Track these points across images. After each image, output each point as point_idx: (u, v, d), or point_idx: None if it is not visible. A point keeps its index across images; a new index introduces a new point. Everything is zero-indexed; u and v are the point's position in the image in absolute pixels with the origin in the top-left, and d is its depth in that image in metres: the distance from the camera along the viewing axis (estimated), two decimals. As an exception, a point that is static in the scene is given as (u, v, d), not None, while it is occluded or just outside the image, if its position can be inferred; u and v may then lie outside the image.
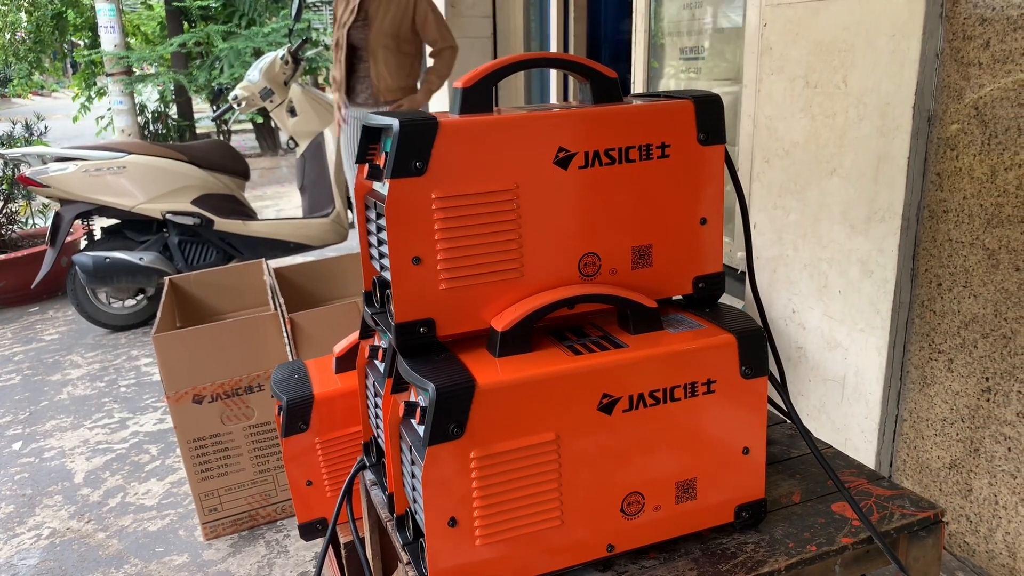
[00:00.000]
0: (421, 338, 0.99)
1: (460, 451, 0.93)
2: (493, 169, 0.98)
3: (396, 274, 0.96)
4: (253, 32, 8.99)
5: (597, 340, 1.03)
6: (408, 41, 3.75)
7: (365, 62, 3.77)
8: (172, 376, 2.07)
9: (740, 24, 2.74)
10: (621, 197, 1.04)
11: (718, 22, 2.92)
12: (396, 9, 3.67)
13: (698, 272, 1.12)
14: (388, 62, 3.73)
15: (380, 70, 3.74)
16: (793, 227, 2.14)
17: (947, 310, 1.74)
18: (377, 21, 3.66)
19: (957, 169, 1.68)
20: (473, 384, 0.92)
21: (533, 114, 1.00)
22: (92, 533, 2.32)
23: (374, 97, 3.80)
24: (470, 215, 0.98)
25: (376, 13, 3.66)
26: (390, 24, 3.66)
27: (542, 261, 1.03)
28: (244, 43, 8.79)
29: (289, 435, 1.44)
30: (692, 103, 1.06)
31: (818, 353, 2.10)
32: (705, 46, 3.03)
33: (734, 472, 1.08)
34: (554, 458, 0.98)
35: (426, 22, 3.73)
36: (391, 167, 0.93)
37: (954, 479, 1.78)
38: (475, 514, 0.96)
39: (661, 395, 1.01)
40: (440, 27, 3.77)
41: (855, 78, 1.87)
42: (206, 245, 4.05)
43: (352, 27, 3.73)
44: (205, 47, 9.27)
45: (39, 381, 3.54)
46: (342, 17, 3.78)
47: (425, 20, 3.73)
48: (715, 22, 2.93)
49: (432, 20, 3.75)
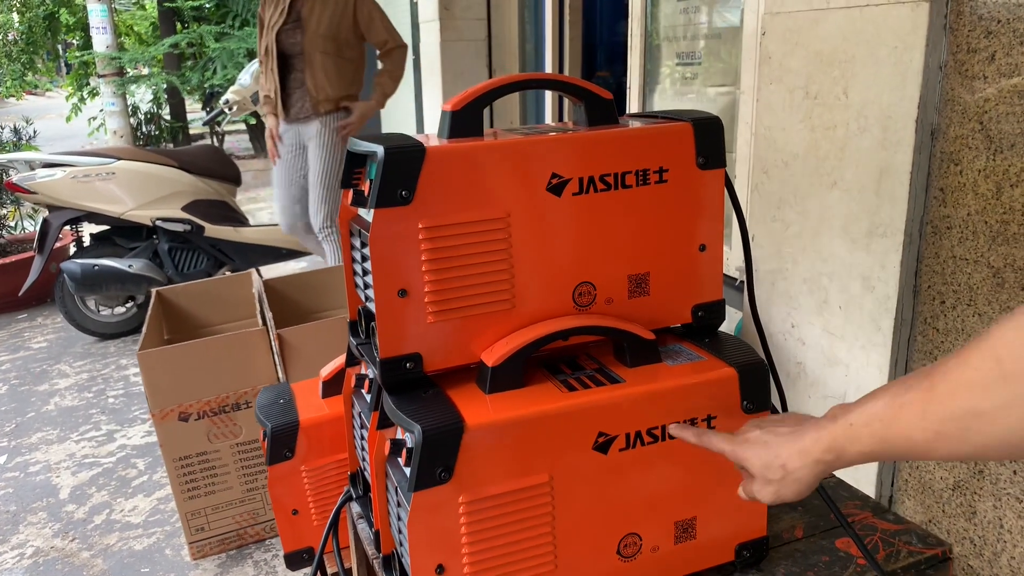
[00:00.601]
0: (408, 373, 0.95)
1: (448, 496, 0.89)
2: (483, 197, 0.93)
3: (381, 307, 0.92)
4: (246, 33, 8.92)
5: (592, 374, 0.99)
6: (349, 45, 3.43)
7: (299, 71, 3.41)
8: (157, 393, 2.02)
9: (738, 25, 2.70)
10: (617, 224, 1.00)
11: (715, 25, 2.88)
12: (334, 8, 3.32)
13: (697, 300, 1.07)
14: (327, 69, 3.38)
15: (318, 79, 3.38)
16: (793, 240, 2.10)
17: (951, 328, 1.70)
18: (312, 23, 3.32)
19: (961, 184, 1.64)
20: (461, 425, 0.88)
21: (525, 139, 0.95)
22: (76, 552, 2.27)
23: (312, 109, 3.44)
24: (459, 245, 0.93)
25: (310, 15, 3.31)
26: (327, 26, 3.33)
27: (534, 292, 0.98)
28: (237, 44, 8.73)
29: (274, 463, 1.39)
30: (691, 126, 1.01)
31: (818, 369, 2.06)
32: (702, 50, 2.99)
33: (735, 510, 1.04)
34: (547, 500, 0.93)
35: (371, 22, 3.44)
36: (375, 196, 0.88)
37: (957, 501, 1.73)
38: (464, 560, 0.91)
39: (659, 432, 0.96)
40: (388, 26, 3.49)
41: (856, 89, 1.83)
42: (197, 252, 3.99)
43: (282, 31, 3.37)
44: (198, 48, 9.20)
45: (26, 391, 3.48)
46: (270, 20, 3.39)
47: (370, 20, 3.44)
48: (712, 25, 2.89)
49: (378, 19, 3.46)
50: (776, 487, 0.85)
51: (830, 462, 0.80)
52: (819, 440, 0.80)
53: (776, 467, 0.84)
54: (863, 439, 0.75)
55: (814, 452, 0.81)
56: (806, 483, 0.83)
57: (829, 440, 0.79)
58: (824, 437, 0.80)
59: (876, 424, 0.74)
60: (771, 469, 0.85)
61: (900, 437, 0.71)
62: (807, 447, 0.82)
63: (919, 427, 0.69)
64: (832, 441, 0.79)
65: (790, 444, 0.84)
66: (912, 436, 0.70)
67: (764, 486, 0.86)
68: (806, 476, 0.83)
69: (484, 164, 0.92)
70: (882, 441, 0.73)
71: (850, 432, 0.77)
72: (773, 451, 0.85)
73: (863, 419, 0.76)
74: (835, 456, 0.79)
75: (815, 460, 0.81)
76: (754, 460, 0.87)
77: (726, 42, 2.82)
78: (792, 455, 0.83)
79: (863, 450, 0.76)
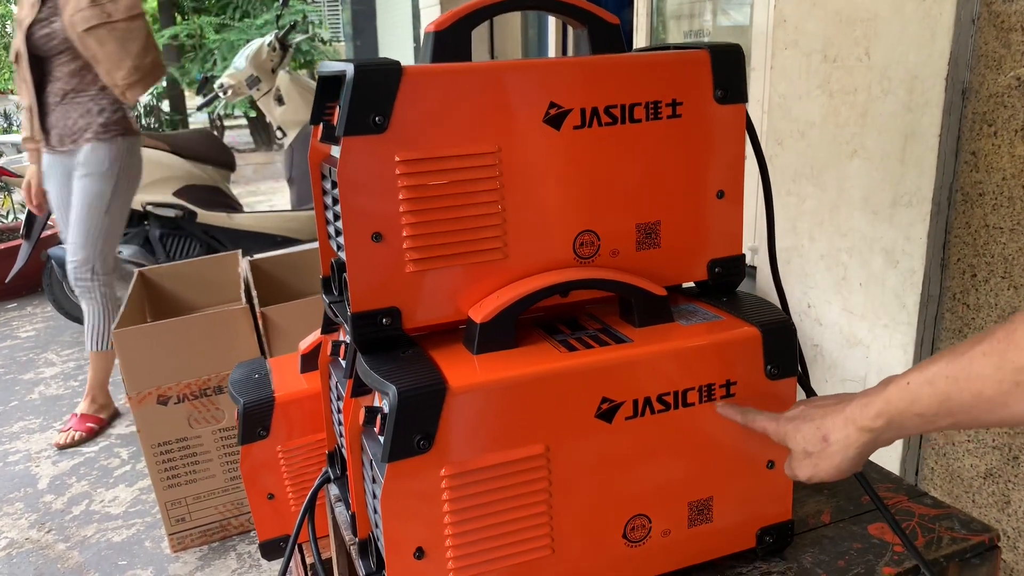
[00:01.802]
0: (383, 331, 0.83)
1: (428, 468, 0.77)
2: (470, 127, 0.81)
3: (352, 253, 0.80)
4: (247, 24, 8.83)
5: (595, 334, 0.87)
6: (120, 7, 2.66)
7: (59, 79, 2.68)
8: (134, 375, 1.91)
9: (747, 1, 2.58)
10: (624, 164, 0.88)
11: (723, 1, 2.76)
12: None
13: (714, 254, 0.95)
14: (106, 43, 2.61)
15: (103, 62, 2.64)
16: (809, 215, 1.98)
17: (983, 303, 1.57)
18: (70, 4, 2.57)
19: (995, 147, 1.51)
20: (443, 386, 0.76)
21: (518, 62, 0.83)
22: (52, 544, 2.16)
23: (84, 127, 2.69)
24: (442, 183, 0.81)
25: (66, 4, 2.56)
26: None
27: (530, 240, 0.86)
28: (237, 35, 8.63)
29: (247, 442, 1.27)
30: (708, 53, 0.89)
31: (836, 351, 1.93)
32: (710, 28, 2.87)
33: (757, 490, 0.91)
34: (543, 475, 0.81)
35: None
36: (344, 122, 0.76)
37: (989, 490, 1.61)
38: (447, 543, 0.79)
39: (671, 399, 0.84)
40: None
41: (879, 49, 1.70)
42: (189, 238, 3.88)
43: (35, 28, 2.60)
44: (197, 39, 9.10)
45: (10, 380, 3.37)
46: (23, 16, 2.63)
47: None
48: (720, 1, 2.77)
49: None
50: (815, 461, 0.75)
51: (879, 429, 0.69)
52: (868, 405, 0.70)
53: (816, 439, 0.75)
54: (923, 399, 0.64)
55: (861, 419, 0.70)
56: (849, 457, 0.73)
57: (881, 404, 0.68)
58: (875, 401, 0.69)
59: (940, 381, 0.63)
60: (811, 441, 0.75)
61: (969, 393, 0.61)
62: (852, 414, 0.71)
63: (994, 379, 0.59)
64: (885, 404, 0.68)
65: (834, 414, 0.74)
66: (984, 391, 0.60)
67: (802, 460, 0.77)
68: (850, 448, 0.72)
69: (471, 89, 0.80)
70: (946, 400, 0.63)
71: (907, 392, 0.66)
72: (815, 424, 0.76)
73: (923, 377, 0.65)
74: (886, 421, 0.68)
75: (860, 428, 0.70)
76: (796, 436, 0.78)
77: (735, 18, 2.70)
78: (835, 424, 0.73)
79: (922, 411, 0.65)
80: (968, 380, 0.61)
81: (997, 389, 0.59)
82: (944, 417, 0.65)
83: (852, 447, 0.73)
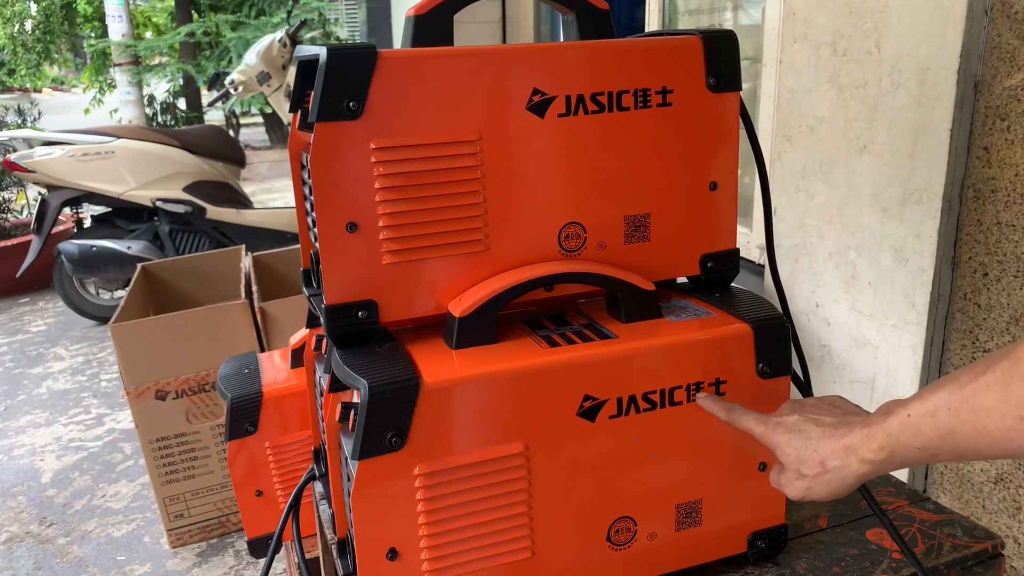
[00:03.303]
0: (359, 324, 0.80)
1: (401, 466, 0.74)
2: (450, 114, 0.78)
3: (326, 244, 0.77)
4: (262, 22, 8.83)
5: (579, 329, 0.84)
6: None
7: None
8: (133, 369, 1.90)
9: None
10: (612, 154, 0.85)
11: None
12: None
13: (707, 249, 0.92)
14: None
15: None
16: (818, 212, 1.94)
17: (994, 303, 1.53)
18: None
19: (1009, 142, 1.47)
20: (417, 382, 0.73)
21: (500, 47, 0.81)
22: (52, 538, 2.15)
23: None
24: (420, 171, 0.78)
25: None
26: None
27: (512, 231, 0.83)
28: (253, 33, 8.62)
29: (235, 437, 1.25)
30: (700, 40, 0.86)
31: (844, 351, 1.89)
32: (722, 23, 2.82)
33: (748, 493, 0.88)
34: (522, 475, 0.78)
35: None
36: (317, 107, 0.74)
37: (1000, 495, 1.56)
38: (421, 544, 0.76)
39: (658, 398, 0.81)
40: None
41: (890, 42, 1.66)
42: (198, 234, 3.88)
43: None
44: (214, 37, 9.12)
45: (19, 374, 3.38)
46: None
47: None
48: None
49: None
50: (808, 483, 0.72)
51: (880, 462, 0.67)
52: (870, 437, 0.67)
53: (813, 462, 0.72)
54: (924, 432, 0.62)
55: (862, 451, 0.68)
56: (846, 484, 0.71)
57: (883, 437, 0.66)
58: (877, 433, 0.66)
59: (942, 413, 0.60)
60: (806, 464, 0.72)
61: (972, 427, 0.58)
62: (853, 444, 0.69)
63: (997, 412, 0.57)
64: (886, 438, 0.65)
65: (833, 440, 0.71)
66: (987, 425, 0.58)
67: (795, 480, 0.73)
68: (848, 477, 0.70)
69: (450, 74, 0.78)
70: (948, 434, 0.60)
71: (908, 425, 0.63)
72: (812, 444, 0.73)
73: (925, 409, 0.62)
74: (888, 455, 0.66)
75: (861, 459, 0.68)
76: (788, 449, 0.75)
77: (748, 13, 2.65)
78: (834, 452, 0.71)
79: (923, 445, 0.62)
80: (971, 413, 0.58)
81: (1001, 423, 0.56)
82: (947, 451, 0.62)
83: (851, 476, 0.70)
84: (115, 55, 8.12)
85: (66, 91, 23.76)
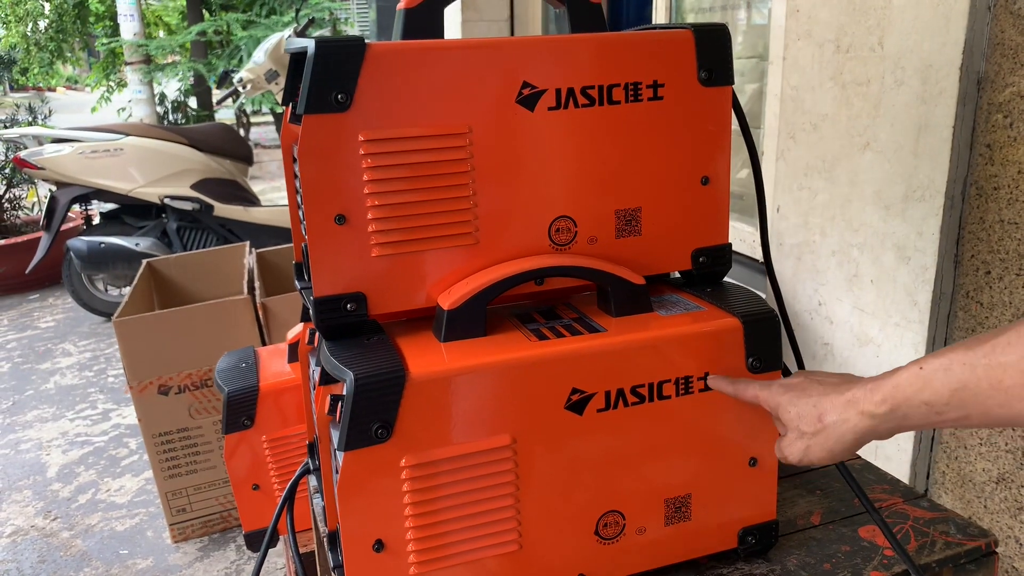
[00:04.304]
0: (348, 316, 0.80)
1: (387, 458, 0.74)
2: (439, 107, 0.78)
3: (315, 236, 0.78)
4: (273, 21, 8.85)
5: (569, 323, 0.84)
6: None
7: None
8: (136, 364, 1.91)
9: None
10: (603, 147, 0.85)
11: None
12: None
13: (699, 244, 0.92)
14: None
15: None
16: (820, 210, 1.93)
17: (996, 302, 1.52)
18: None
19: (1011, 139, 1.46)
20: (403, 374, 0.73)
21: (489, 40, 0.81)
22: (56, 532, 2.17)
23: None
24: (410, 163, 0.78)
25: None
26: None
27: (502, 225, 0.83)
28: (264, 32, 8.64)
29: (232, 431, 1.26)
30: (692, 33, 0.86)
31: (847, 349, 1.88)
32: (729, 21, 2.81)
33: (738, 488, 0.88)
34: (510, 468, 0.78)
35: None
36: (305, 99, 0.74)
37: (1002, 495, 1.55)
38: (408, 536, 0.77)
39: (646, 392, 0.81)
40: None
41: (893, 39, 1.65)
42: (205, 231, 3.90)
43: None
44: (225, 36, 9.15)
45: (28, 370, 3.41)
46: None
47: None
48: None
49: None
50: (806, 443, 0.71)
51: (881, 416, 0.65)
52: (874, 389, 0.66)
53: (811, 418, 0.70)
54: (935, 385, 0.60)
55: (864, 402, 0.66)
56: (844, 442, 0.69)
57: (889, 388, 0.64)
58: (882, 386, 0.65)
59: (956, 367, 0.59)
60: (805, 419, 0.71)
61: (987, 382, 0.57)
62: (855, 397, 0.67)
63: (1017, 368, 0.56)
64: (892, 389, 0.64)
65: (834, 394, 0.70)
66: (1004, 380, 0.57)
67: (794, 440, 0.72)
68: (846, 433, 0.68)
69: (439, 67, 0.78)
70: (960, 388, 0.59)
71: (918, 377, 0.62)
72: (812, 400, 0.71)
73: (938, 363, 0.61)
74: (890, 408, 0.64)
75: (861, 411, 0.66)
76: (789, 407, 0.73)
77: (755, 11, 2.64)
78: (834, 406, 0.69)
79: (931, 399, 0.61)
80: (988, 368, 0.57)
81: (1018, 380, 0.56)
82: (955, 408, 0.60)
83: (849, 432, 0.68)
84: (127, 54, 8.16)
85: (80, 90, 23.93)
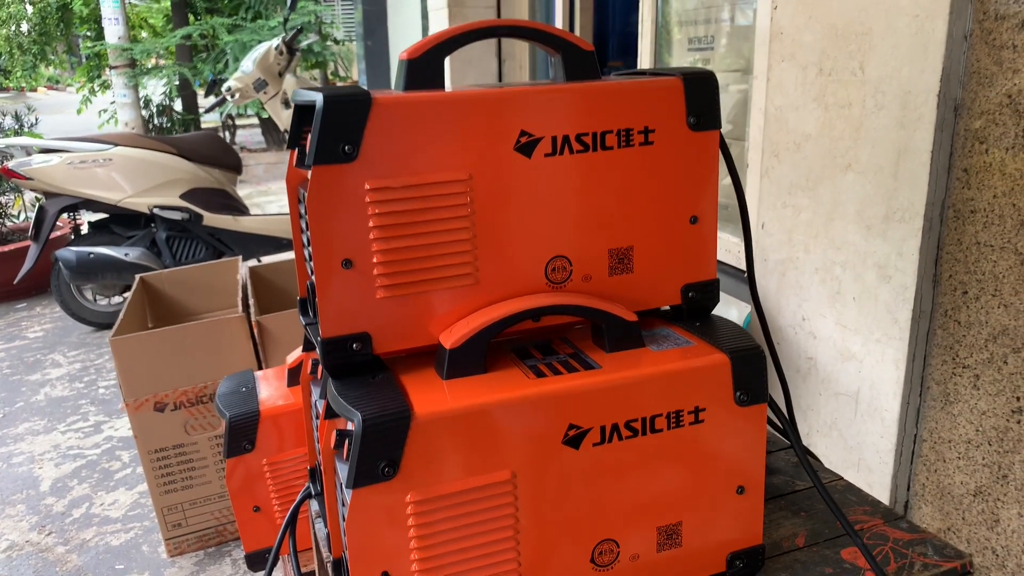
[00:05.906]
0: (354, 356, 0.84)
1: (393, 494, 0.78)
2: (441, 156, 0.82)
3: (322, 280, 0.81)
4: (259, 25, 8.85)
5: (565, 359, 0.87)
6: None
7: None
8: (132, 382, 1.93)
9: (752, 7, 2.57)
10: (596, 191, 0.88)
11: (729, 9, 2.75)
12: None
13: (688, 279, 0.96)
14: None
15: None
16: (804, 227, 1.98)
17: (973, 320, 1.57)
18: None
19: (987, 164, 1.51)
20: (408, 413, 0.77)
21: (489, 91, 0.84)
22: (51, 547, 2.18)
23: None
24: (413, 210, 0.82)
25: None
26: None
27: (501, 266, 0.87)
28: (249, 36, 8.65)
29: (233, 455, 1.29)
30: (681, 80, 0.90)
31: (830, 365, 1.93)
32: (714, 35, 2.86)
33: (726, 515, 0.92)
34: (510, 501, 0.82)
35: None
36: (314, 151, 0.77)
37: (979, 507, 1.61)
38: (413, 567, 0.80)
39: (639, 426, 0.85)
40: None
41: (873, 64, 1.70)
42: (195, 241, 3.91)
43: None
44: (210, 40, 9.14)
45: (17, 381, 3.41)
46: None
47: None
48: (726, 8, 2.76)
49: None
50: None
51: None
52: None
53: None
54: None
55: None
56: None
57: None
58: None
59: None
60: None
61: None
62: None
63: None
64: None
65: None
66: None
67: None
68: None
69: (441, 118, 0.81)
70: None
71: None
72: None
73: None
74: None
75: None
76: None
77: (740, 25, 2.69)
78: None
79: None
80: None
81: None
82: None
83: None
84: (111, 58, 8.14)
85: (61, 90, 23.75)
